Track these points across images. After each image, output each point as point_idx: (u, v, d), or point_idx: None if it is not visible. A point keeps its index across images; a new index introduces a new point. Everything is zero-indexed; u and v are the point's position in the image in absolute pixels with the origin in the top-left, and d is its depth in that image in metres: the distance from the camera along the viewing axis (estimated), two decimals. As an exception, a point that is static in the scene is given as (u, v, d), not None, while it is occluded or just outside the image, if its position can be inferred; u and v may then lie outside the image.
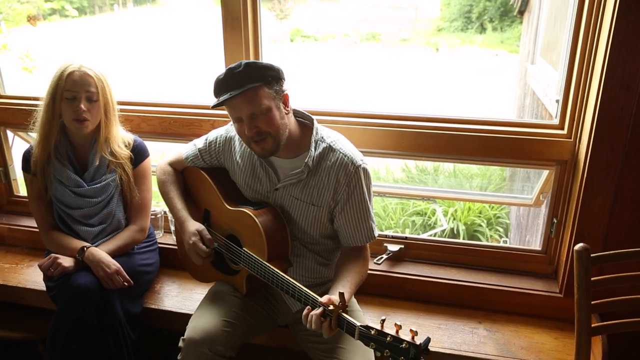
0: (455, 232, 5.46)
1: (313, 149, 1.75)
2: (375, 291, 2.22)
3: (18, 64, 5.46)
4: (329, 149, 1.76)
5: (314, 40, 10.97)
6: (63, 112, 1.97)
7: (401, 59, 10.20)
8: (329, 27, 11.10)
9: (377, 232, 1.84)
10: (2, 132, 2.68)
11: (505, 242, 5.24)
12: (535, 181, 2.67)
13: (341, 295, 1.50)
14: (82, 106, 1.94)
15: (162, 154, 4.65)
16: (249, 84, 1.63)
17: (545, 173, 2.14)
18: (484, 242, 2.73)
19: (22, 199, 2.75)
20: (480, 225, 5.51)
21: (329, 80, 9.20)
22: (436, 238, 2.37)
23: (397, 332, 1.39)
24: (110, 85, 2.02)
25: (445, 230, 5.31)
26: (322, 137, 1.79)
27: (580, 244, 1.59)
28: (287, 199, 1.81)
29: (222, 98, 1.65)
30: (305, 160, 1.73)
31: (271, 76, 1.66)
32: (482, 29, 9.62)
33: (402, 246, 2.31)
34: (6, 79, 2.69)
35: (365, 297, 2.17)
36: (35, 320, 2.37)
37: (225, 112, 2.28)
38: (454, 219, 5.55)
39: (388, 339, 1.39)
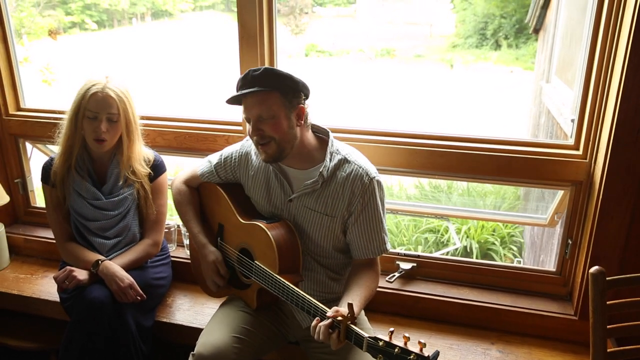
0: (468, 250, 5.41)
1: (328, 160, 1.78)
2: (387, 309, 2.21)
3: (38, 77, 5.57)
4: (344, 161, 1.79)
5: (328, 55, 11.05)
6: (84, 129, 2.00)
7: (415, 75, 10.22)
8: (344, 42, 11.18)
9: (389, 245, 1.84)
10: (21, 144, 2.72)
11: (519, 262, 5.19)
12: (550, 201, 2.65)
13: (350, 306, 1.50)
14: (102, 127, 1.98)
15: (176, 167, 4.69)
16: (262, 87, 1.68)
17: (560, 193, 2.12)
18: (498, 262, 2.70)
19: (39, 210, 2.79)
20: (494, 244, 5.46)
21: (343, 96, 9.24)
22: (449, 257, 2.36)
23: (405, 343, 1.38)
24: (133, 104, 2.05)
25: (458, 248, 5.26)
26: (338, 150, 1.82)
27: (596, 267, 1.57)
28: (301, 210, 1.82)
29: (234, 94, 1.72)
30: (320, 170, 1.76)
31: (288, 86, 1.71)
32: (497, 45, 9.63)
33: (415, 264, 2.29)
34: (26, 92, 2.74)
35: (377, 315, 2.16)
36: (48, 331, 2.38)
37: (240, 128, 2.32)
38: (467, 236, 5.50)
39: (396, 350, 1.37)
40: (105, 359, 1.93)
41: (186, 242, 2.45)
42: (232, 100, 1.76)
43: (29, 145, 2.78)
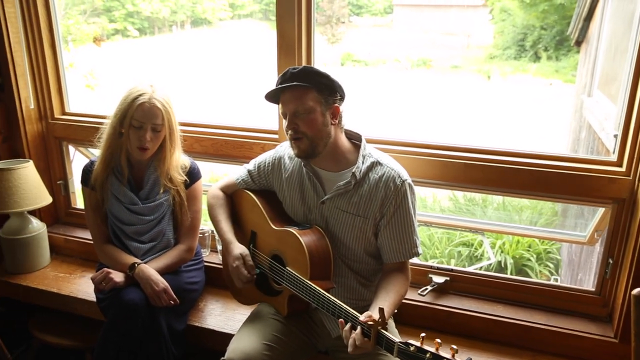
0: (502, 265, 5.29)
1: (361, 162, 1.81)
2: (418, 323, 2.18)
3: (82, 81, 5.76)
4: (377, 163, 1.82)
5: (364, 64, 11.06)
6: (129, 137, 2.04)
7: (452, 86, 10.12)
8: (380, 52, 11.17)
9: (420, 249, 1.84)
10: (64, 147, 2.82)
11: (556, 280, 5.04)
12: (590, 218, 2.58)
13: (381, 310, 1.50)
14: (147, 136, 2.02)
15: (211, 173, 4.76)
16: (303, 80, 1.75)
17: (601, 211, 2.06)
18: (534, 279, 2.64)
19: (79, 212, 2.87)
20: (529, 260, 5.33)
21: (378, 105, 9.22)
22: (483, 272, 2.31)
23: (437, 349, 1.36)
24: (174, 114, 2.10)
25: (492, 263, 5.16)
26: (370, 153, 1.86)
27: (638, 289, 1.51)
28: (333, 212, 1.84)
29: (273, 88, 1.79)
30: (353, 171, 1.79)
31: (324, 84, 1.77)
32: (537, 57, 9.44)
33: (448, 278, 2.26)
34: (71, 96, 2.83)
35: (408, 328, 2.13)
36: (84, 330, 2.44)
37: (275, 137, 2.34)
38: (502, 251, 5.39)
39: (427, 355, 1.36)
40: (139, 359, 1.96)
41: (219, 247, 2.47)
42: (271, 97, 1.83)
43: (71, 148, 2.87)
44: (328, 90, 1.78)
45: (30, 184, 2.46)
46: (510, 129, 8.28)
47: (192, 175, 2.20)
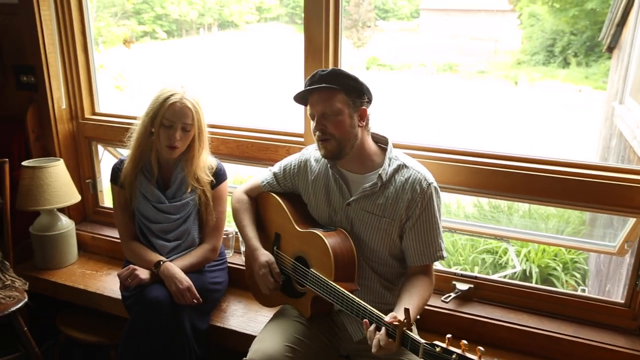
0: (527, 274, 5.20)
1: (387, 165, 1.82)
2: (441, 330, 2.14)
3: (111, 83, 5.87)
4: (403, 166, 1.83)
5: (389, 69, 11.01)
6: (159, 136, 2.08)
7: (478, 91, 10.01)
8: (406, 56, 11.11)
9: (445, 252, 1.84)
10: (94, 147, 2.88)
11: (583, 290, 4.93)
12: (620, 228, 2.52)
13: (406, 311, 1.49)
14: (177, 135, 2.05)
15: (235, 175, 4.79)
16: (332, 82, 1.76)
17: (632, 221, 2.01)
18: (560, 289, 2.59)
19: (107, 210, 2.92)
20: (555, 269, 5.23)
21: (403, 110, 9.18)
22: (508, 280, 2.28)
23: (463, 351, 1.34)
24: (204, 115, 2.13)
25: (517, 272, 5.07)
26: (396, 156, 1.87)
27: (671, 302, 1.48)
28: (359, 213, 1.84)
29: (302, 90, 1.80)
30: (380, 173, 1.79)
31: (352, 86, 1.78)
32: (566, 63, 9.27)
33: (472, 286, 2.23)
34: (101, 97, 2.89)
35: (431, 335, 2.09)
36: (109, 327, 2.48)
37: (301, 140, 2.35)
38: (527, 260, 5.30)
39: (453, 356, 1.35)
40: (161, 357, 1.99)
41: (243, 249, 2.49)
42: (299, 99, 1.85)
43: (100, 148, 2.93)
44: (356, 93, 1.79)
45: (60, 182, 2.52)
46: (538, 135, 8.15)
47: (219, 176, 2.23)
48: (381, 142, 1.92)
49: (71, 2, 2.63)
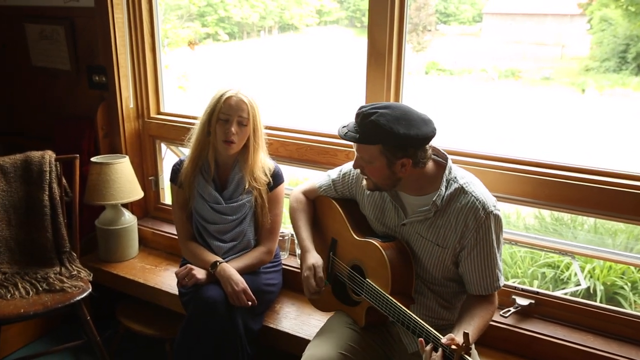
0: (591, 291, 4.95)
1: (444, 188, 1.72)
2: (499, 346, 2.08)
3: (174, 83, 6.06)
4: (461, 190, 1.72)
5: (449, 74, 10.79)
6: (216, 132, 2.12)
7: (542, 99, 9.64)
8: (467, 61, 10.85)
9: (502, 282, 1.76)
10: (157, 145, 2.97)
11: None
12: (698, 248, 2.34)
13: (466, 335, 1.44)
14: (233, 129, 2.08)
15: (292, 178, 4.82)
16: (365, 140, 1.67)
17: None
18: (629, 310, 2.44)
19: (166, 207, 3.01)
20: (623, 288, 4.94)
21: (462, 116, 8.97)
22: (572, 298, 2.17)
23: None
24: (260, 114, 2.15)
25: (581, 289, 4.83)
26: (455, 177, 1.75)
27: None
28: (413, 236, 1.79)
29: (344, 136, 1.71)
30: (434, 199, 1.70)
31: (393, 144, 1.64)
32: (639, 70, 8.79)
33: (533, 301, 2.14)
34: (165, 97, 2.99)
35: (488, 350, 2.04)
36: (166, 321, 2.55)
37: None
38: (591, 276, 5.04)
39: None
40: (214, 355, 2.02)
41: (298, 251, 2.50)
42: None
43: (163, 146, 3.02)
44: (398, 148, 1.64)
45: (125, 178, 2.62)
46: (607, 146, 7.75)
47: (276, 178, 2.24)
48: (441, 158, 1.80)
49: (142, 5, 2.73)
